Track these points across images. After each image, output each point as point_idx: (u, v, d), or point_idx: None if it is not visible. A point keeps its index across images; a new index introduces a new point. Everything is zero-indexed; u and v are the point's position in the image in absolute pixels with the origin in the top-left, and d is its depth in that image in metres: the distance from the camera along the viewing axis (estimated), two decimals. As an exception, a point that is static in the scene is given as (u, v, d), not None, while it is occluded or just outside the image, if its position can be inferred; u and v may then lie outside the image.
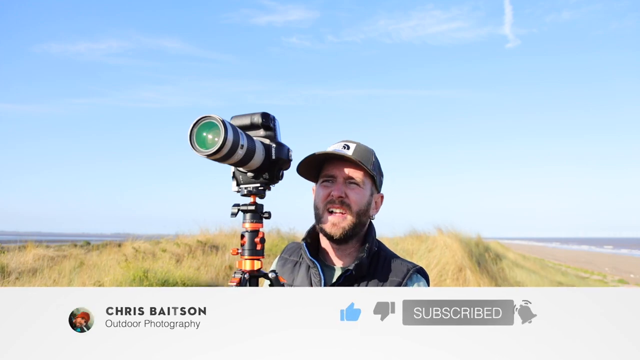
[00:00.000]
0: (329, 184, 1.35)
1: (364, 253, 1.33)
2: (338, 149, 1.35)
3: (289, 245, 1.54)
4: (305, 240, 1.42)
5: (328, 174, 1.35)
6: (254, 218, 1.22)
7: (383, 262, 1.36)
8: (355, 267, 1.30)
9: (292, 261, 1.46)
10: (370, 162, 1.37)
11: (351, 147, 1.35)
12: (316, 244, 1.45)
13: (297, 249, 1.50)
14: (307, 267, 1.40)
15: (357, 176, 1.34)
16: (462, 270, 7.16)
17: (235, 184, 1.27)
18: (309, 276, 1.38)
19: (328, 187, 1.34)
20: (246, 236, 1.22)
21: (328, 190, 1.34)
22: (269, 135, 1.23)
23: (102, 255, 8.52)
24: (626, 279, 21.24)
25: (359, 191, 1.34)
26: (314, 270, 1.36)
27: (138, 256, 7.91)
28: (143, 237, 10.25)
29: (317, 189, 1.40)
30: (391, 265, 1.36)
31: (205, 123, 1.05)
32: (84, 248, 11.60)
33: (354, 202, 1.32)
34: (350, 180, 1.34)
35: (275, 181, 1.25)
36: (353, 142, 1.37)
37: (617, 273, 24.40)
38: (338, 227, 1.32)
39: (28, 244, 9.55)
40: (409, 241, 10.60)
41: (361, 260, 1.31)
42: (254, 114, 1.21)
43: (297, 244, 1.53)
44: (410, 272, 1.33)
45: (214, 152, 1.02)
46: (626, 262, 33.78)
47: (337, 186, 1.33)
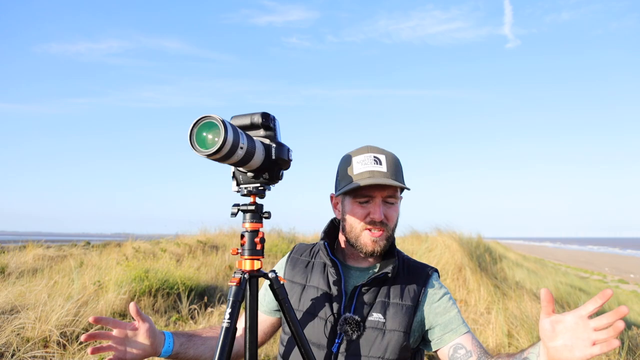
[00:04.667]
0: (366, 205, 1.34)
1: (395, 258, 1.38)
2: (369, 163, 1.33)
3: (297, 246, 1.56)
4: (324, 240, 1.44)
5: (366, 194, 1.34)
6: (254, 218, 1.22)
7: (406, 265, 1.42)
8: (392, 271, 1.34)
9: (303, 261, 1.48)
10: (402, 174, 1.38)
11: (382, 161, 1.34)
12: (333, 244, 1.48)
13: (309, 249, 1.52)
14: (323, 266, 1.42)
15: (394, 195, 1.35)
16: (462, 270, 7.16)
17: (235, 184, 1.27)
18: (326, 275, 1.40)
19: (366, 207, 1.34)
20: (246, 236, 1.22)
21: (366, 210, 1.34)
22: (269, 135, 1.23)
23: (102, 255, 8.52)
24: (626, 279, 21.22)
25: (396, 209, 1.36)
26: (333, 270, 1.37)
27: (138, 256, 7.91)
28: (143, 237, 10.25)
29: (350, 204, 1.37)
30: (412, 267, 1.41)
31: (205, 123, 1.05)
32: (84, 248, 11.58)
33: (392, 220, 1.35)
34: (387, 200, 1.34)
35: (275, 181, 1.25)
36: (381, 152, 1.36)
37: (617, 273, 24.38)
38: (378, 245, 1.34)
39: (28, 244, 9.54)
40: (409, 241, 10.59)
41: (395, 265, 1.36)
42: (254, 114, 1.21)
43: (307, 245, 1.56)
44: (430, 274, 1.40)
45: (214, 152, 1.02)
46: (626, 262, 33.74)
47: (377, 208, 1.32)
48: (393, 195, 1.34)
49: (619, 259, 38.48)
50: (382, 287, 1.35)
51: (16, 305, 4.14)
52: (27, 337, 3.69)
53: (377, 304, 1.32)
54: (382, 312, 1.30)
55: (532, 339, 4.16)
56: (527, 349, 1.13)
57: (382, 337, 1.28)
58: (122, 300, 5.08)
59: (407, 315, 1.31)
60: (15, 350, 3.46)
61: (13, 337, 3.59)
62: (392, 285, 1.35)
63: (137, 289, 5.34)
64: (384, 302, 1.32)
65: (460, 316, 1.35)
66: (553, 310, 1.00)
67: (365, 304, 1.32)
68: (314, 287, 1.39)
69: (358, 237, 1.35)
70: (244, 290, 1.19)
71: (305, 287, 1.41)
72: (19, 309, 4.07)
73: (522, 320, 4.63)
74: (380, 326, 1.29)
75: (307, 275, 1.43)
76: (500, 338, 4.36)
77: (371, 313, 1.31)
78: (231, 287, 1.18)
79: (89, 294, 5.01)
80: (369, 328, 1.29)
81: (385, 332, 1.28)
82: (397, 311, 1.31)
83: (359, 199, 1.34)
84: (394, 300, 1.32)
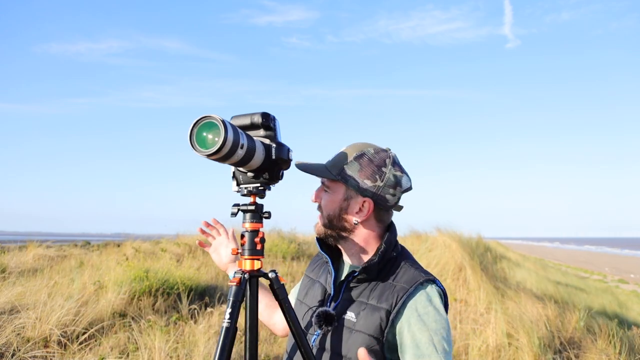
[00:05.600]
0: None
1: (377, 257, 1.30)
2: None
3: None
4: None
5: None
6: (254, 218, 1.22)
7: (396, 268, 1.32)
8: (362, 269, 1.29)
9: (320, 258, 1.53)
10: (339, 167, 1.32)
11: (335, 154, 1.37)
12: None
13: None
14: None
15: (327, 182, 1.36)
16: (462, 270, 7.16)
17: (235, 183, 1.27)
18: (327, 270, 1.43)
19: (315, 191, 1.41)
20: (246, 236, 1.22)
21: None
22: (269, 135, 1.22)
23: (102, 255, 8.52)
24: (626, 279, 21.22)
25: (327, 196, 1.36)
26: (327, 265, 1.42)
27: (138, 256, 7.91)
28: (143, 237, 10.26)
29: None
30: (404, 271, 1.30)
31: (205, 123, 1.05)
32: (84, 248, 11.59)
33: (324, 207, 1.36)
34: (324, 187, 1.37)
35: (276, 181, 1.25)
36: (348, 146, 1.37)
37: (617, 273, 24.38)
38: (316, 227, 1.39)
39: (28, 244, 9.54)
40: (409, 241, 10.60)
41: (370, 263, 1.29)
42: (254, 114, 1.21)
43: None
44: (421, 280, 1.25)
45: (214, 152, 1.02)
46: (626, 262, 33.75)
47: (316, 191, 1.39)
48: (325, 184, 1.37)
49: (619, 259, 38.48)
50: (367, 287, 1.31)
51: (16, 305, 4.14)
52: (28, 337, 3.69)
53: (355, 303, 1.29)
54: (356, 312, 1.27)
55: (532, 339, 4.16)
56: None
57: (349, 336, 1.25)
58: (122, 300, 5.08)
59: (377, 319, 1.23)
60: (16, 350, 3.46)
61: (13, 337, 3.59)
62: (376, 287, 1.30)
63: (137, 289, 5.34)
64: (362, 302, 1.28)
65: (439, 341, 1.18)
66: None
67: (345, 301, 1.31)
68: (320, 283, 1.42)
69: None
70: (244, 290, 1.19)
71: (315, 283, 1.45)
72: (19, 308, 4.07)
73: (522, 320, 4.63)
74: (351, 325, 1.26)
75: (320, 272, 1.47)
76: (500, 338, 4.36)
77: (347, 311, 1.29)
78: (231, 287, 1.18)
79: (89, 294, 5.01)
80: (342, 326, 1.27)
81: (353, 332, 1.25)
82: (369, 313, 1.25)
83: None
84: (371, 302, 1.27)
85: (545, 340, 4.30)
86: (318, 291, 1.40)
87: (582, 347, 4.37)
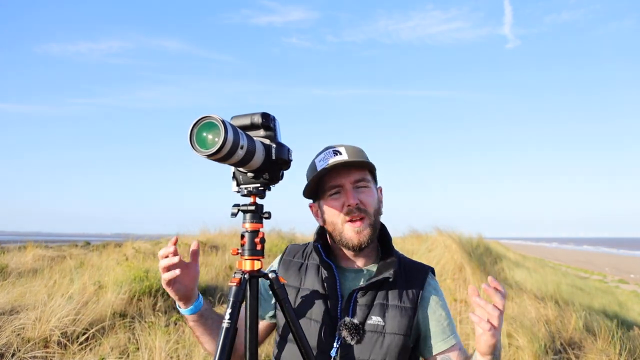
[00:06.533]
0: (338, 195, 1.32)
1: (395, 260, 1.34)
2: (328, 157, 1.32)
3: (290, 247, 1.51)
4: (317, 242, 1.40)
5: (334, 185, 1.32)
6: (254, 218, 1.22)
7: (403, 266, 1.37)
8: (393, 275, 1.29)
9: (296, 263, 1.43)
10: (366, 156, 1.35)
11: (343, 152, 1.32)
12: (326, 245, 1.43)
13: (301, 251, 1.47)
14: (317, 268, 1.37)
15: (362, 177, 1.32)
16: (462, 270, 7.16)
17: (235, 184, 1.27)
18: (320, 277, 1.35)
19: (339, 199, 1.31)
20: (246, 236, 1.22)
21: (340, 201, 1.31)
22: (269, 135, 1.22)
23: (102, 255, 8.51)
24: (626, 279, 21.21)
25: (369, 192, 1.32)
26: (328, 272, 1.33)
27: (138, 256, 7.90)
28: (143, 237, 10.24)
29: (324, 204, 1.35)
30: (408, 268, 1.37)
31: (205, 123, 1.04)
32: (84, 248, 11.58)
33: (369, 205, 1.31)
34: (358, 185, 1.31)
35: (276, 181, 1.25)
36: (341, 145, 1.34)
37: (617, 273, 24.37)
38: (362, 235, 1.29)
39: (28, 244, 9.53)
40: (409, 241, 10.60)
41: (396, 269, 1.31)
42: (254, 114, 1.21)
43: (299, 246, 1.50)
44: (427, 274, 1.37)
45: (214, 152, 1.02)
46: (626, 262, 33.74)
47: (349, 194, 1.29)
48: (363, 179, 1.31)
49: (619, 259, 38.47)
50: (380, 289, 1.30)
51: (16, 306, 4.14)
52: (28, 337, 3.69)
53: (375, 307, 1.28)
54: (381, 315, 1.27)
55: (532, 339, 4.16)
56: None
57: (382, 340, 1.24)
58: (122, 300, 5.08)
59: (406, 317, 1.27)
60: (16, 351, 3.46)
61: (13, 338, 3.59)
62: (390, 287, 1.31)
63: (137, 289, 5.33)
64: (383, 304, 1.28)
65: (452, 325, 1.32)
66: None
67: (363, 306, 1.28)
68: (309, 290, 1.35)
69: (342, 232, 1.31)
70: (244, 290, 1.19)
71: (300, 290, 1.37)
72: (19, 309, 4.07)
73: (521, 320, 4.63)
74: (380, 329, 1.25)
75: (301, 277, 1.39)
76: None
77: (370, 316, 1.27)
78: (231, 287, 1.18)
79: (89, 294, 5.01)
80: (369, 332, 1.26)
81: (385, 335, 1.25)
82: (397, 314, 1.27)
83: (330, 192, 1.32)
84: (392, 303, 1.28)
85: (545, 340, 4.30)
86: (316, 300, 1.33)
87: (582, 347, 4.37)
